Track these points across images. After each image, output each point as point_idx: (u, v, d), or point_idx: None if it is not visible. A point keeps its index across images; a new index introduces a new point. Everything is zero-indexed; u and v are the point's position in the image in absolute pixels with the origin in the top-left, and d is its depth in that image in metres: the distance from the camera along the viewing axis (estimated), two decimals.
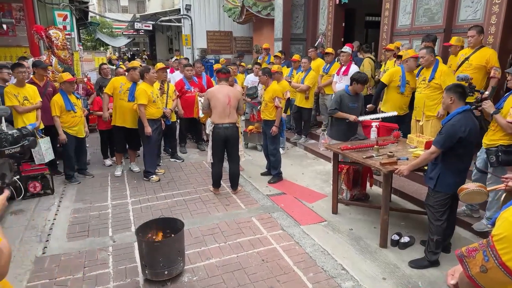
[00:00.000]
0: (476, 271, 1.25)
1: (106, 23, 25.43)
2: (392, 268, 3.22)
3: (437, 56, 4.52)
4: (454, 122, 2.92)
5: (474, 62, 4.31)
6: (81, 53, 10.45)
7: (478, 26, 4.38)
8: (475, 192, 2.05)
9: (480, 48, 4.34)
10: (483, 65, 4.27)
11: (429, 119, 4.41)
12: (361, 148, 3.93)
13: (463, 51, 4.57)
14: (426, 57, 4.28)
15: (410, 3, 5.97)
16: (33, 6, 8.63)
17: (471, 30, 4.36)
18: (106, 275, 3.12)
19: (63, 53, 6.16)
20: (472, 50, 4.39)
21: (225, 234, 3.79)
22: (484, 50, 4.33)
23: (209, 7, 14.51)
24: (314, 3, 9.07)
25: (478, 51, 4.32)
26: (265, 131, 5.36)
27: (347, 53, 6.23)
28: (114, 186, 5.15)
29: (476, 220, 3.81)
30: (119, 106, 5.27)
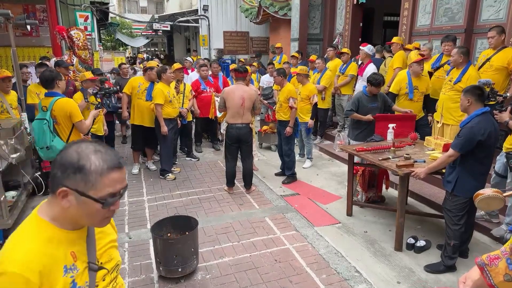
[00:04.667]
0: (499, 280, 1.19)
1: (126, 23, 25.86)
2: (407, 272, 3.17)
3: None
4: (473, 125, 2.85)
5: (496, 63, 4.19)
6: (101, 53, 10.69)
7: (498, 27, 4.26)
8: (491, 198, 1.99)
9: (502, 49, 4.21)
10: (505, 66, 4.14)
11: (449, 124, 4.29)
12: (377, 149, 3.88)
13: (484, 52, 4.44)
14: (455, 57, 4.15)
15: (430, 2, 5.85)
16: (56, 7, 8.88)
17: (491, 30, 4.24)
18: (121, 270, 3.17)
19: (83, 53, 6.32)
20: (494, 51, 4.27)
21: (238, 233, 3.80)
22: (507, 50, 4.20)
23: (226, 8, 14.58)
24: (331, 3, 9.00)
25: (500, 52, 4.20)
26: (279, 131, 5.35)
27: (363, 51, 6.15)
28: (131, 183, 5.25)
29: (495, 226, 3.71)
30: (137, 105, 5.38)
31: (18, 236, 1.03)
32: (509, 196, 2.23)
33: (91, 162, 1.00)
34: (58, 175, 1.01)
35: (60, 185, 1.00)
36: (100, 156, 1.02)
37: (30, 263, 0.96)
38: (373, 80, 4.45)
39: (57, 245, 1.03)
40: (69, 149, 1.03)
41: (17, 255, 0.97)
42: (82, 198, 1.00)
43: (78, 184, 0.99)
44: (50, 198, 1.07)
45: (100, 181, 1.00)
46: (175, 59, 19.24)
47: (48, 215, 1.06)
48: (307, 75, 5.67)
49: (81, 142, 1.05)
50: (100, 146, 1.05)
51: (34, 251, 0.99)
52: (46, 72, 3.70)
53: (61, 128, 3.56)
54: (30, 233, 1.03)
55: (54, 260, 1.01)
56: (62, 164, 1.00)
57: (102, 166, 1.00)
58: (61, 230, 1.05)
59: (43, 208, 1.08)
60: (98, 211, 1.03)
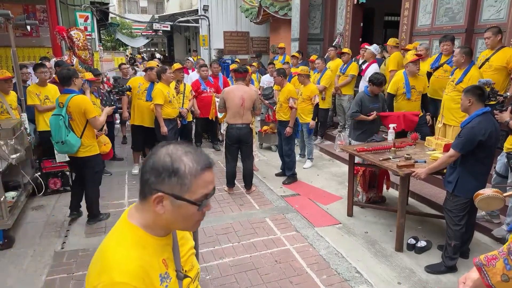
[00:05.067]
0: (496, 280, 1.21)
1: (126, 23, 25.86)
2: (408, 273, 3.16)
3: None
4: (474, 125, 2.85)
5: (495, 63, 4.21)
6: (101, 53, 10.68)
7: (494, 27, 4.30)
8: (491, 198, 1.99)
9: (500, 49, 4.23)
10: (504, 66, 4.16)
11: (451, 125, 4.28)
12: (378, 150, 3.87)
13: (483, 53, 4.47)
14: (457, 57, 4.13)
15: (430, 2, 5.84)
16: (56, 8, 8.88)
17: (487, 31, 4.29)
18: None
19: (83, 54, 6.31)
20: (492, 51, 4.29)
21: (238, 234, 3.80)
22: (505, 50, 4.22)
23: (226, 8, 14.58)
24: (332, 3, 9.00)
25: (499, 51, 4.21)
26: (280, 131, 5.35)
27: (370, 51, 6.14)
28: (131, 184, 5.24)
29: (496, 226, 3.70)
30: (137, 105, 5.38)
31: (115, 243, 1.00)
32: (510, 196, 2.23)
33: (185, 164, 0.96)
34: (152, 181, 0.97)
35: (155, 190, 0.96)
36: (192, 157, 0.99)
37: (134, 272, 0.94)
38: (375, 79, 4.45)
39: (152, 253, 1.01)
40: (159, 153, 0.99)
41: (123, 264, 0.94)
42: (178, 202, 0.97)
43: (174, 188, 0.96)
44: (141, 203, 1.03)
45: (195, 183, 0.97)
46: (175, 59, 19.24)
47: (140, 221, 1.02)
48: (308, 76, 5.66)
49: (168, 144, 1.01)
50: (187, 146, 1.02)
51: (137, 259, 0.96)
52: (63, 70, 3.86)
53: (76, 123, 3.66)
54: (127, 240, 0.99)
55: (152, 268, 0.98)
56: (155, 169, 0.96)
57: (196, 167, 0.97)
58: (153, 237, 1.02)
59: (133, 214, 1.04)
60: (193, 214, 1.00)
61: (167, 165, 0.96)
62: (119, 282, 0.92)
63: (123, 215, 1.07)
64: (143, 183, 1.00)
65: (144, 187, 0.99)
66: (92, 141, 3.81)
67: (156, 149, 1.01)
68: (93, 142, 3.84)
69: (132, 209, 1.06)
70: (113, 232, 1.05)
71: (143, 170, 1.00)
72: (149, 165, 0.98)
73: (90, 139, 3.77)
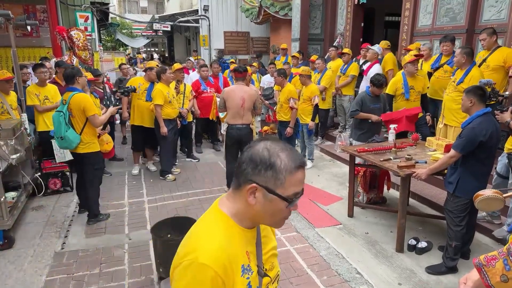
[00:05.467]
0: (496, 281, 1.21)
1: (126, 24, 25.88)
2: (409, 274, 3.15)
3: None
4: (475, 126, 2.84)
5: (492, 63, 4.24)
6: (101, 54, 10.69)
7: (489, 28, 4.35)
8: (490, 199, 1.98)
9: (497, 49, 4.28)
10: (501, 65, 4.19)
11: (452, 125, 4.28)
12: (379, 150, 3.87)
13: (480, 53, 4.51)
14: (458, 58, 4.13)
15: (431, 2, 5.83)
16: (56, 8, 8.88)
17: (482, 33, 4.34)
18: (122, 271, 3.17)
19: (83, 54, 6.32)
20: (488, 52, 4.33)
21: None
22: (501, 50, 4.26)
23: (226, 8, 14.58)
24: (332, 3, 8.99)
25: (495, 51, 4.27)
26: (280, 132, 5.35)
27: (373, 51, 6.14)
28: (131, 184, 5.24)
29: (497, 227, 3.69)
30: (137, 105, 5.37)
31: (205, 227, 1.03)
32: (510, 197, 2.23)
33: (281, 160, 0.98)
34: (248, 171, 0.99)
35: (250, 181, 0.99)
36: (288, 154, 1.00)
37: (219, 258, 0.96)
38: (376, 81, 4.45)
39: (237, 243, 1.02)
40: (258, 146, 1.02)
41: (208, 247, 0.97)
42: (270, 196, 0.99)
43: (268, 181, 0.98)
44: (233, 193, 1.06)
45: (288, 180, 0.99)
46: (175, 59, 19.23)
47: (230, 209, 1.05)
48: (310, 76, 5.65)
49: (267, 140, 1.04)
50: (284, 144, 1.04)
51: (222, 246, 0.98)
52: (68, 69, 3.97)
53: (76, 120, 3.75)
54: (216, 226, 1.02)
55: (235, 257, 1.00)
56: (252, 160, 0.99)
57: (291, 164, 0.99)
58: (240, 228, 1.04)
59: (224, 202, 1.07)
60: (281, 210, 1.02)
61: (265, 158, 0.98)
62: (202, 264, 0.94)
63: (215, 203, 1.10)
64: (239, 173, 1.02)
65: (239, 176, 1.02)
66: (91, 138, 3.84)
67: (255, 142, 1.04)
68: (93, 139, 3.87)
69: (223, 198, 1.09)
70: (204, 217, 1.08)
71: (240, 160, 1.03)
72: (247, 156, 1.01)
73: (89, 136, 3.82)
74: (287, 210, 1.02)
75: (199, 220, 1.09)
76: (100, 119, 3.88)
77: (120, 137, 7.62)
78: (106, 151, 4.33)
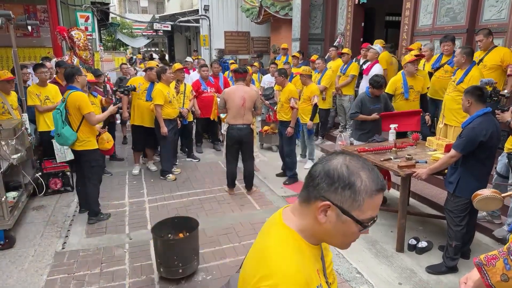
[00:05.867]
0: (496, 280, 1.21)
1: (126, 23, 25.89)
2: (409, 273, 3.16)
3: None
4: (475, 126, 2.84)
5: (489, 63, 4.28)
6: (101, 54, 10.69)
7: (484, 29, 4.38)
8: (489, 199, 1.99)
9: (493, 48, 4.31)
10: (499, 64, 4.22)
11: (452, 125, 4.28)
12: (379, 150, 3.87)
13: (476, 54, 4.50)
14: (458, 58, 4.14)
15: (431, 2, 5.84)
16: (57, 8, 8.89)
17: (478, 34, 4.37)
18: (122, 271, 3.18)
19: (84, 54, 6.33)
20: (484, 52, 4.37)
21: (239, 234, 3.80)
22: (498, 49, 4.30)
23: (227, 8, 14.58)
24: (333, 3, 8.99)
25: (491, 51, 4.30)
26: (281, 132, 5.35)
27: (374, 50, 6.14)
28: (131, 184, 5.24)
29: (497, 226, 3.70)
30: (137, 105, 5.38)
31: (276, 246, 0.94)
32: (509, 196, 2.23)
33: (362, 180, 0.90)
34: (322, 186, 0.91)
35: (323, 197, 0.91)
36: (369, 174, 0.91)
37: (298, 282, 0.89)
38: (374, 82, 4.46)
39: (309, 261, 0.95)
40: (335, 160, 0.93)
41: (287, 271, 0.89)
42: (344, 217, 0.91)
43: (344, 201, 0.90)
44: (300, 206, 0.97)
45: (367, 203, 0.90)
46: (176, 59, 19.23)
47: (297, 225, 0.97)
48: (310, 76, 5.66)
49: (346, 154, 0.95)
50: (364, 162, 0.94)
51: (299, 268, 0.91)
52: (68, 68, 4.04)
53: (72, 118, 3.81)
54: (287, 245, 0.94)
55: (311, 279, 0.93)
56: (329, 176, 0.91)
57: (371, 187, 0.90)
58: (309, 245, 0.97)
59: (289, 216, 0.99)
60: (353, 233, 0.94)
61: (343, 175, 0.90)
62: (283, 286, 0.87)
63: (278, 216, 1.01)
64: (310, 186, 0.94)
65: (310, 191, 0.94)
66: (88, 136, 3.88)
67: (333, 155, 0.96)
68: (90, 137, 3.90)
69: (287, 211, 1.01)
70: (269, 233, 0.99)
71: (313, 173, 0.94)
72: (322, 169, 0.92)
73: (85, 134, 3.85)
74: (358, 233, 0.94)
75: (265, 236, 1.00)
76: (97, 117, 3.94)
77: (121, 137, 7.62)
78: (106, 149, 4.35)
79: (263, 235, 1.02)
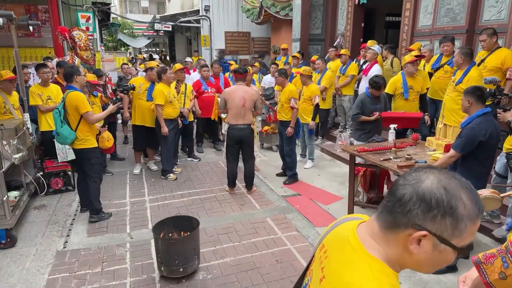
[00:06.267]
0: (494, 278, 1.22)
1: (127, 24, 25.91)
2: (408, 273, 3.17)
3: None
4: (474, 126, 2.86)
5: (489, 65, 4.23)
6: (102, 54, 10.71)
7: (489, 29, 4.32)
8: (488, 199, 2.00)
9: (495, 50, 4.26)
10: (499, 67, 4.17)
11: (451, 125, 4.29)
12: (379, 150, 3.88)
13: (480, 53, 4.50)
14: (456, 58, 4.15)
15: (431, 3, 5.85)
16: (58, 8, 8.90)
17: (482, 34, 4.32)
18: (123, 270, 3.19)
19: (85, 54, 6.34)
20: (487, 52, 4.33)
21: (239, 233, 3.81)
22: (500, 51, 4.25)
23: (227, 8, 14.59)
24: (333, 4, 9.00)
25: (493, 53, 4.26)
26: (281, 132, 5.36)
27: (373, 51, 6.14)
28: (132, 184, 5.26)
29: (496, 226, 3.71)
30: (138, 105, 5.40)
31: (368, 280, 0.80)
32: (508, 196, 2.24)
33: (464, 204, 0.77)
34: (416, 213, 0.78)
35: (416, 225, 0.78)
36: (469, 195, 0.78)
37: None
38: (373, 83, 4.48)
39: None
40: (429, 181, 0.79)
41: None
42: (442, 246, 0.78)
43: (444, 230, 0.77)
44: (384, 234, 0.84)
45: (469, 229, 0.78)
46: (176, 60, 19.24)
47: (381, 254, 0.83)
48: (310, 76, 5.67)
49: (436, 170, 0.82)
50: (460, 179, 0.80)
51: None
52: (67, 68, 4.06)
53: (71, 118, 3.85)
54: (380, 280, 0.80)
55: None
56: (424, 201, 0.77)
57: (474, 210, 0.78)
58: (395, 275, 0.84)
59: (371, 244, 0.85)
60: (448, 261, 0.82)
61: (443, 200, 0.76)
62: None
63: (355, 242, 0.87)
64: (398, 212, 0.80)
65: (399, 217, 0.80)
66: (86, 135, 3.91)
67: (421, 173, 0.82)
68: (88, 136, 3.93)
69: (366, 237, 0.87)
70: (352, 263, 0.84)
71: (401, 196, 0.80)
72: (415, 193, 0.79)
73: (84, 132, 3.89)
74: (453, 260, 0.83)
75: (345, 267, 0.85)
76: (96, 116, 3.97)
77: (122, 137, 7.64)
78: (106, 147, 4.39)
79: (339, 264, 0.88)
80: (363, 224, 0.92)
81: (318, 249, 1.01)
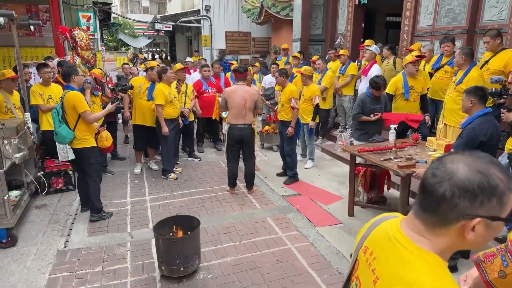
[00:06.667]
0: (494, 277, 1.23)
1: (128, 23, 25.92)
2: None
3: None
4: (475, 126, 2.86)
5: (492, 67, 4.20)
6: (103, 53, 10.72)
7: (493, 30, 4.28)
8: None
9: (500, 51, 4.21)
10: (501, 69, 4.13)
11: (452, 125, 4.29)
12: (379, 150, 3.89)
13: (485, 54, 4.47)
14: (457, 58, 4.15)
15: (432, 3, 5.85)
16: (59, 8, 8.91)
17: (485, 36, 4.27)
18: (124, 270, 3.20)
19: (86, 53, 6.35)
20: (492, 53, 4.29)
21: (240, 233, 3.82)
22: (504, 53, 4.20)
23: (228, 8, 14.60)
24: (333, 4, 9.01)
25: (497, 55, 4.21)
26: (281, 131, 5.37)
27: (370, 51, 6.14)
28: (133, 183, 5.27)
29: None
30: (138, 105, 5.40)
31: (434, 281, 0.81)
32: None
33: (501, 179, 0.81)
34: (464, 205, 0.80)
35: (467, 216, 0.80)
36: (499, 168, 0.83)
37: None
38: (374, 83, 4.48)
39: None
40: (462, 170, 0.81)
41: None
42: (494, 223, 0.82)
43: (492, 209, 0.81)
44: (433, 230, 0.86)
45: (509, 198, 0.82)
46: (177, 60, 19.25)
47: (435, 248, 0.86)
48: (311, 76, 5.67)
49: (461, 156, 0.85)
50: (483, 155, 0.85)
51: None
52: (66, 68, 4.08)
53: (69, 117, 3.86)
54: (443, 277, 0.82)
55: None
56: (468, 191, 0.80)
57: (508, 181, 0.82)
58: (445, 264, 0.86)
59: (421, 239, 0.87)
60: (498, 232, 0.86)
61: (484, 184, 0.79)
62: None
63: (403, 239, 0.89)
64: (444, 209, 0.82)
65: (446, 213, 0.82)
66: (84, 134, 3.92)
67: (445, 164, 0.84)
68: (86, 135, 3.94)
69: (410, 233, 0.89)
70: (405, 261, 0.86)
71: (441, 194, 0.82)
72: (455, 186, 0.81)
73: (82, 132, 3.90)
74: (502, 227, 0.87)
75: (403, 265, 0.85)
76: (94, 116, 3.99)
77: (123, 137, 7.65)
78: (105, 147, 4.40)
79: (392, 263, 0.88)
80: (403, 221, 0.93)
81: (362, 251, 1.02)
